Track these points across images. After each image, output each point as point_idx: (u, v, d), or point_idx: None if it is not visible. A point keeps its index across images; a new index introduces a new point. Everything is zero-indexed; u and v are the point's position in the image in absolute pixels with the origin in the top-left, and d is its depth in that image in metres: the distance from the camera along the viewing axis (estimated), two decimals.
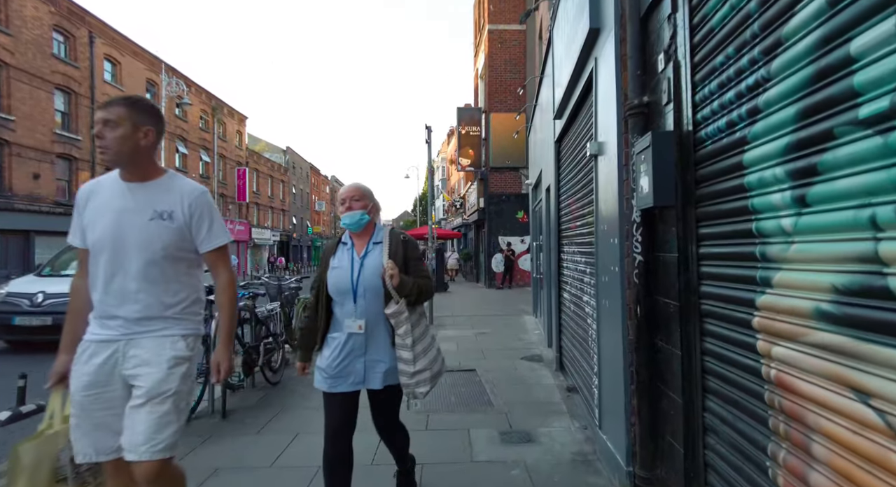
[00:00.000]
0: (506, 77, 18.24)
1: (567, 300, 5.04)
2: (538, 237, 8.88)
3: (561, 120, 5.07)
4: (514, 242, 17.92)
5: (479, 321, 9.66)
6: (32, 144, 17.74)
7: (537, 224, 9.50)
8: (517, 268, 18.03)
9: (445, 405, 4.40)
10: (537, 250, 8.96)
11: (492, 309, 11.81)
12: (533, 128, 9.24)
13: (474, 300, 14.14)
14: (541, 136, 7.73)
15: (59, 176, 19.24)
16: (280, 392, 4.93)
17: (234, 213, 35.34)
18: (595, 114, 3.25)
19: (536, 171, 8.78)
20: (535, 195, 9.60)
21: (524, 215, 18.24)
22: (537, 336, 7.83)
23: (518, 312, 10.97)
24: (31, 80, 17.71)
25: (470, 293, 16.60)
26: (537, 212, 9.27)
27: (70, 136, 19.50)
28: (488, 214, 18.14)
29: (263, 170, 41.53)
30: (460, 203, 31.42)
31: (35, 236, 17.87)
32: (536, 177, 8.72)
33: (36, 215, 17.71)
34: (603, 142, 3.07)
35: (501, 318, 10.04)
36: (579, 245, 4.23)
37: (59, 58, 19.12)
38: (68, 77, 19.47)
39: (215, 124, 31.96)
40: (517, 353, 6.54)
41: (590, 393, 3.72)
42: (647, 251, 2.48)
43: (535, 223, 9.71)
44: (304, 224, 54.52)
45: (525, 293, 15.51)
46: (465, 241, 31.44)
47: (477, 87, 22.38)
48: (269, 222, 42.75)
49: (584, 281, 3.94)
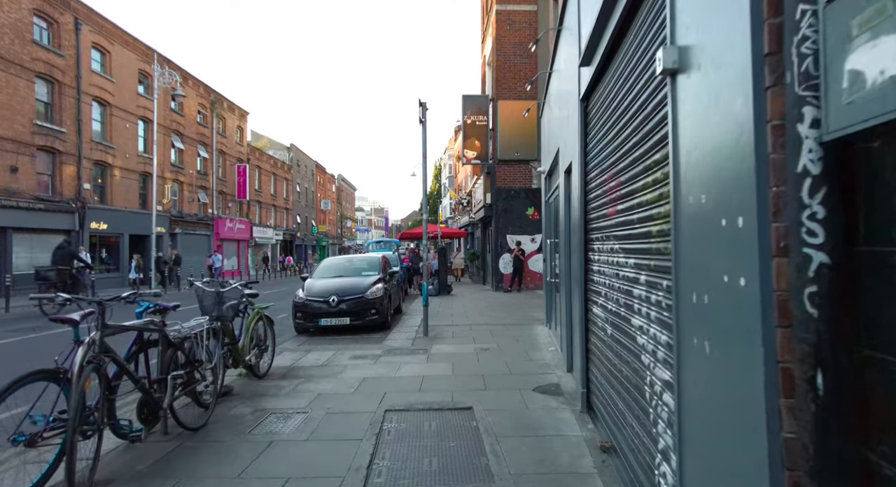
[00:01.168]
0: (515, 61, 16.79)
1: (599, 317, 3.60)
2: (553, 234, 7.44)
3: (590, 66, 3.63)
4: (523, 241, 16.46)
5: (484, 332, 8.24)
6: (10, 135, 16.64)
7: (551, 218, 8.05)
8: (527, 270, 16.56)
9: (416, 474, 2.98)
10: (552, 249, 7.53)
11: (499, 316, 10.37)
12: (547, 104, 7.80)
13: (479, 305, 12.70)
14: (558, 113, 6.30)
15: (40, 169, 18.15)
16: (197, 444, 3.55)
17: (235, 211, 34.26)
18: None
19: (550, 156, 7.34)
20: (548, 185, 8.15)
21: (535, 212, 16.77)
22: (552, 354, 6.38)
23: (529, 321, 9.52)
24: (8, 66, 16.60)
25: (475, 296, 15.17)
26: (551, 204, 7.83)
27: (53, 128, 18.41)
28: (496, 211, 16.70)
29: (266, 167, 40.45)
30: (467, 200, 30.00)
31: (12, 233, 16.77)
32: (551, 162, 7.27)
33: (13, 211, 16.60)
34: (694, 45, 1.63)
35: (509, 329, 8.60)
36: (624, 238, 2.79)
37: (41, 44, 18.02)
38: (51, 65, 18.37)
39: (214, 119, 30.88)
40: (528, 381, 5.11)
41: (649, 478, 2.29)
42: (842, 242, 1.05)
43: (548, 218, 8.26)
44: (308, 223, 53.45)
45: (536, 297, 14.05)
46: (472, 241, 30.01)
47: (484, 76, 20.94)
48: (271, 221, 41.67)
49: (637, 295, 2.50)
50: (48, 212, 18.14)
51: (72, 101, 19.37)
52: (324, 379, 5.30)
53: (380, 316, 8.91)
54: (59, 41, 18.84)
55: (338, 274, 9.89)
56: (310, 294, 8.87)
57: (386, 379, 5.25)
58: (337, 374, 5.53)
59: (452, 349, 6.84)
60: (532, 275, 16.72)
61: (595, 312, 3.77)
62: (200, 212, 29.54)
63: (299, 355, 6.61)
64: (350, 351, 6.84)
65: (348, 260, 10.75)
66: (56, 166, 18.80)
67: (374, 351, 6.80)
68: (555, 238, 7.24)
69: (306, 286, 9.20)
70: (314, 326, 8.67)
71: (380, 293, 9.04)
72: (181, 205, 27.39)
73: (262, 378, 5.36)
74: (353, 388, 4.94)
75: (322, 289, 8.94)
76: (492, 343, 7.24)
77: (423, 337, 7.83)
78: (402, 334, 8.26)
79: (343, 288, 8.94)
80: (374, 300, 8.87)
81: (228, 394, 4.70)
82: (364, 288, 8.98)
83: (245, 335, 5.11)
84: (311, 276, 9.99)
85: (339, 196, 70.35)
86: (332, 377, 5.41)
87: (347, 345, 7.43)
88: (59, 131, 18.66)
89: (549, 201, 8.00)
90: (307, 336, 8.73)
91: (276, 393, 4.81)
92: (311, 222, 54.26)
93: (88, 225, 19.94)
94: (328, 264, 10.59)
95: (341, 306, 8.64)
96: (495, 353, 6.52)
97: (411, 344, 7.32)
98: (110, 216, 21.22)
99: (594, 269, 3.83)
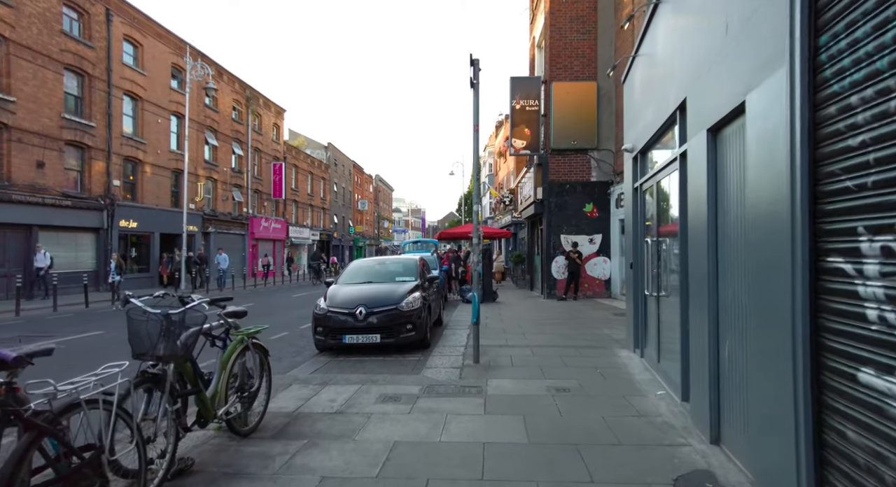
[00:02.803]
0: (572, 38, 14.73)
1: (878, 388, 1.66)
2: (653, 231, 5.45)
3: None
4: (580, 242, 14.36)
5: (552, 358, 6.32)
6: (37, 129, 16.01)
7: (644, 210, 6.05)
8: (584, 275, 14.44)
9: None
10: (649, 250, 5.57)
11: (563, 333, 8.41)
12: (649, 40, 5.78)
13: (533, 316, 10.76)
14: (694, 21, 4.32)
15: (68, 165, 17.52)
16: None
17: (270, 210, 33.56)
18: None
19: (648, 123, 5.37)
20: (642, 165, 6.15)
21: (594, 208, 14.65)
22: (666, 404, 4.41)
23: (603, 341, 7.53)
24: (36, 57, 15.97)
25: (525, 305, 13.21)
26: (646, 191, 5.84)
27: (82, 122, 17.76)
28: (547, 207, 14.68)
29: (303, 166, 39.77)
30: (509, 199, 27.98)
31: (38, 231, 16.11)
32: (655, 130, 5.29)
33: (38, 208, 15.94)
34: None
35: (584, 354, 6.65)
36: None
37: (71, 36, 17.40)
38: (81, 57, 17.74)
39: (249, 115, 30.19)
40: (654, 461, 3.19)
41: None
42: None
43: (639, 209, 6.26)
44: (346, 223, 52.71)
45: (598, 307, 11.95)
46: (516, 242, 27.95)
47: (532, 60, 18.95)
48: (308, 220, 40.97)
49: None
50: (76, 210, 17.48)
51: (102, 95, 18.72)
52: (336, 443, 3.56)
53: (417, 332, 7.15)
54: (89, 32, 18.21)
55: (367, 280, 8.21)
56: (333, 303, 7.22)
57: (426, 448, 3.45)
58: (356, 432, 3.77)
59: (516, 387, 4.97)
60: (590, 282, 14.59)
61: (867, 379, 1.82)
62: (235, 210, 28.86)
63: (311, 391, 4.91)
64: (378, 385, 5.09)
65: (380, 263, 9.05)
66: (85, 162, 18.16)
67: (410, 387, 5.02)
68: (656, 236, 5.25)
69: (329, 294, 7.56)
70: (337, 344, 7.01)
71: (417, 303, 7.29)
72: (215, 203, 26.71)
73: (247, 436, 3.68)
74: (376, 466, 3.17)
75: (347, 298, 7.27)
76: (569, 377, 5.32)
77: (474, 364, 5.99)
78: (445, 358, 6.46)
79: (373, 298, 7.24)
80: (411, 312, 7.12)
81: (184, 473, 3.02)
82: (398, 297, 7.25)
83: (220, 376, 3.43)
84: (336, 281, 8.36)
85: (376, 196, 69.61)
86: (348, 438, 3.66)
87: (376, 375, 5.70)
88: (88, 125, 18.01)
89: (643, 187, 6.00)
90: (329, 355, 7.08)
91: (259, 473, 3.09)
92: (348, 222, 53.53)
93: (118, 223, 19.26)
94: (357, 267, 8.92)
95: (370, 319, 6.94)
96: (580, 398, 4.60)
97: (459, 375, 5.50)
98: (141, 214, 20.53)
99: (853, 290, 1.89)
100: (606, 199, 14.59)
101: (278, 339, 8.55)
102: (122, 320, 2.24)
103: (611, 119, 14.65)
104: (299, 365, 6.43)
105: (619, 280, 14.12)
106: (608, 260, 14.58)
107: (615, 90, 14.56)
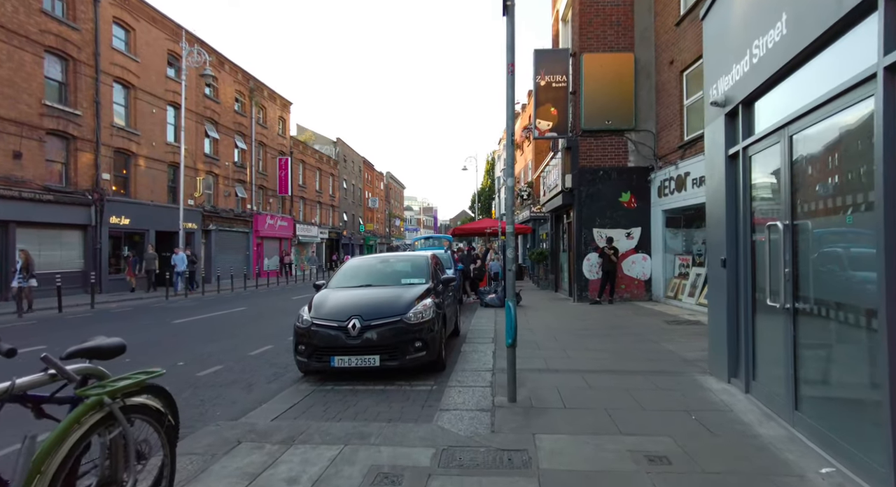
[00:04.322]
0: (604, 3, 12.85)
1: None
2: (743, 211, 3.66)
3: None
4: (616, 237, 12.50)
5: (617, 394, 4.54)
6: (12, 116, 14.61)
7: (742, 181, 4.25)
8: (621, 274, 12.58)
9: None
10: (744, 239, 3.78)
11: (614, 349, 6.62)
12: None
13: (568, 325, 8.97)
14: None
15: (50, 156, 16.13)
16: None
17: (276, 207, 32.15)
18: None
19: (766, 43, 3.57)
20: (740, 121, 4.34)
21: (631, 198, 12.76)
22: (828, 481, 2.61)
23: (672, 362, 5.72)
24: (11, 37, 14.57)
25: (555, 310, 11.41)
26: (747, 159, 4.04)
27: (66, 110, 16.36)
28: (578, 198, 12.84)
29: (310, 162, 38.33)
30: (527, 192, 26.13)
31: (15, 227, 14.74)
32: (778, 66, 3.49)
33: (15, 202, 14.55)
34: None
35: (656, 382, 4.86)
36: None
37: (52, 16, 15.99)
38: (64, 39, 16.33)
39: (253, 108, 28.75)
40: None
41: None
42: None
43: (739, 178, 4.44)
44: (356, 221, 51.27)
45: (639, 312, 10.08)
46: (534, 239, 26.08)
47: (557, 37, 17.09)
48: (316, 218, 39.54)
49: None
50: (60, 205, 16.08)
51: (89, 81, 17.32)
52: None
53: (429, 351, 5.42)
54: (73, 13, 16.81)
55: (366, 283, 6.50)
56: (319, 314, 5.52)
57: None
58: None
59: (582, 453, 3.20)
60: (627, 282, 12.72)
61: None
62: (238, 207, 27.45)
63: (264, 459, 3.21)
64: (369, 446, 3.37)
65: (382, 261, 7.29)
66: (70, 153, 16.77)
67: (418, 450, 3.29)
68: (791, 219, 3.45)
69: (315, 301, 5.86)
70: (324, 367, 5.31)
71: (429, 313, 5.55)
72: (216, 199, 25.30)
73: None
74: None
75: (338, 307, 5.57)
76: (656, 430, 3.54)
77: (509, 403, 4.24)
78: (467, 391, 4.72)
79: (371, 306, 5.53)
80: (421, 325, 5.39)
81: None
82: (404, 305, 5.53)
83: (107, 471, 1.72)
84: (327, 284, 6.68)
85: (387, 194, 68.11)
86: None
87: (370, 421, 3.99)
88: (73, 114, 16.62)
89: (752, 151, 4.19)
90: (314, 380, 5.40)
91: None
92: (358, 220, 52.08)
93: (108, 219, 17.87)
94: (353, 267, 7.19)
95: (367, 335, 5.23)
96: (695, 480, 2.82)
97: (490, 425, 3.75)
98: (134, 210, 19.13)
99: None
100: (646, 187, 12.69)
101: (258, 356, 6.91)
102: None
103: (650, 96, 12.75)
104: (269, 400, 4.75)
105: (661, 280, 12.23)
106: (648, 257, 12.68)
107: (655, 62, 12.67)
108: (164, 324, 10.04)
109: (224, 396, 4.99)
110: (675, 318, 9.32)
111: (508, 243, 4.53)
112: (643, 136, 12.78)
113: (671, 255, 12.18)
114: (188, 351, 7.22)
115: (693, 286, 10.91)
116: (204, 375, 5.83)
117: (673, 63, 11.58)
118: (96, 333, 2.59)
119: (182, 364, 6.46)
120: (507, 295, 4.46)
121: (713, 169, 5.04)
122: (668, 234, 12.33)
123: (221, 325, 9.99)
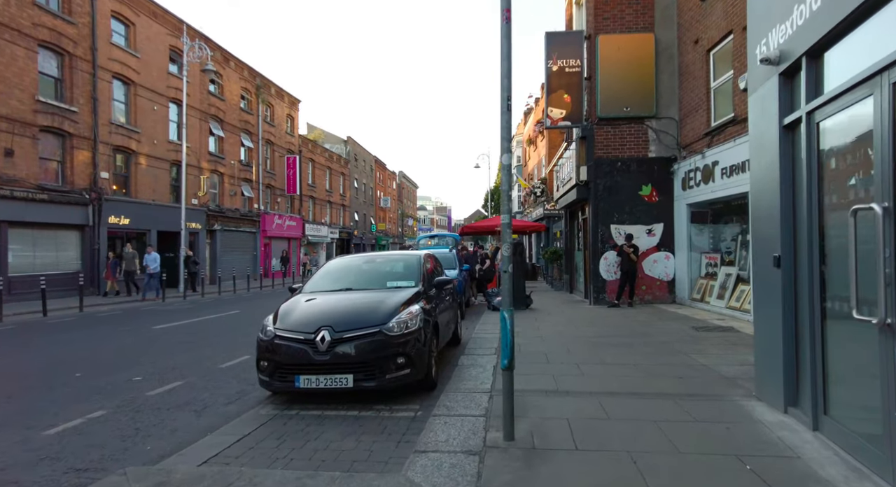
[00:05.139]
0: None
1: None
2: (809, 195, 2.67)
3: None
4: (636, 234, 11.45)
5: (644, 430, 3.58)
6: (4, 113, 14.12)
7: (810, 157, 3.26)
8: (641, 274, 11.52)
9: None
10: (810, 231, 2.80)
11: (637, 363, 5.63)
12: None
13: (582, 332, 7.98)
14: None
15: (45, 154, 15.66)
16: None
17: (285, 207, 31.61)
18: None
19: None
20: (803, 81, 3.33)
21: (653, 191, 11.68)
22: None
23: (708, 380, 4.72)
24: (2, 31, 14.10)
25: (569, 315, 10.41)
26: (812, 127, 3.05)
27: (61, 107, 15.87)
28: (594, 191, 11.81)
29: (320, 160, 37.75)
30: (541, 189, 25.06)
31: (7, 227, 14.27)
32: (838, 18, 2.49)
33: (7, 201, 14.08)
34: None
35: (692, 412, 3.90)
36: None
37: (46, 9, 15.51)
38: (59, 33, 15.85)
39: (260, 105, 28.21)
40: None
41: None
42: None
43: (807, 153, 3.44)
44: (367, 221, 50.64)
45: (663, 316, 9.01)
46: (548, 238, 24.99)
47: (570, 22, 16.04)
48: (326, 218, 38.97)
49: None
50: (55, 204, 15.60)
51: (86, 77, 16.83)
52: None
53: (414, 369, 4.52)
54: (69, 6, 16.32)
55: (345, 287, 5.63)
56: (284, 324, 4.67)
57: None
58: None
59: None
60: (648, 283, 11.65)
61: None
62: (244, 206, 26.93)
63: None
64: None
65: (368, 261, 6.38)
66: (66, 151, 16.29)
67: None
68: (893, 200, 2.45)
69: (281, 310, 5.02)
70: (287, 387, 4.46)
71: (415, 322, 4.66)
72: (221, 198, 24.78)
73: None
74: None
75: (306, 316, 4.70)
76: None
77: (505, 443, 3.32)
78: (455, 422, 3.80)
79: (346, 315, 4.65)
80: (405, 338, 4.50)
81: None
82: (385, 313, 4.64)
83: None
84: (302, 289, 5.83)
85: (399, 193, 67.43)
86: None
87: (327, 463, 3.12)
88: (69, 110, 16.13)
89: (820, 116, 3.19)
90: (279, 403, 4.56)
91: None
92: (369, 220, 51.46)
93: (106, 219, 17.39)
94: (334, 268, 6.30)
95: (339, 349, 4.35)
96: None
97: (476, 478, 2.84)
98: (135, 209, 18.64)
99: None
100: (669, 180, 11.60)
101: (227, 369, 6.10)
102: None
103: (672, 80, 11.65)
104: (216, 430, 3.90)
105: (686, 280, 11.14)
106: (671, 255, 11.59)
107: (678, 43, 11.57)
108: (142, 330, 9.32)
109: (166, 423, 4.17)
110: (704, 324, 8.27)
111: (504, 238, 3.60)
112: (665, 124, 11.69)
113: (697, 254, 11.08)
114: (152, 363, 6.44)
115: (722, 287, 9.81)
116: (155, 394, 5.02)
117: (698, 42, 10.48)
118: (65, 340, 1.73)
119: (139, 378, 5.67)
120: (503, 302, 3.52)
121: (762, 146, 4.03)
122: (694, 230, 11.22)
123: (204, 331, 9.23)
